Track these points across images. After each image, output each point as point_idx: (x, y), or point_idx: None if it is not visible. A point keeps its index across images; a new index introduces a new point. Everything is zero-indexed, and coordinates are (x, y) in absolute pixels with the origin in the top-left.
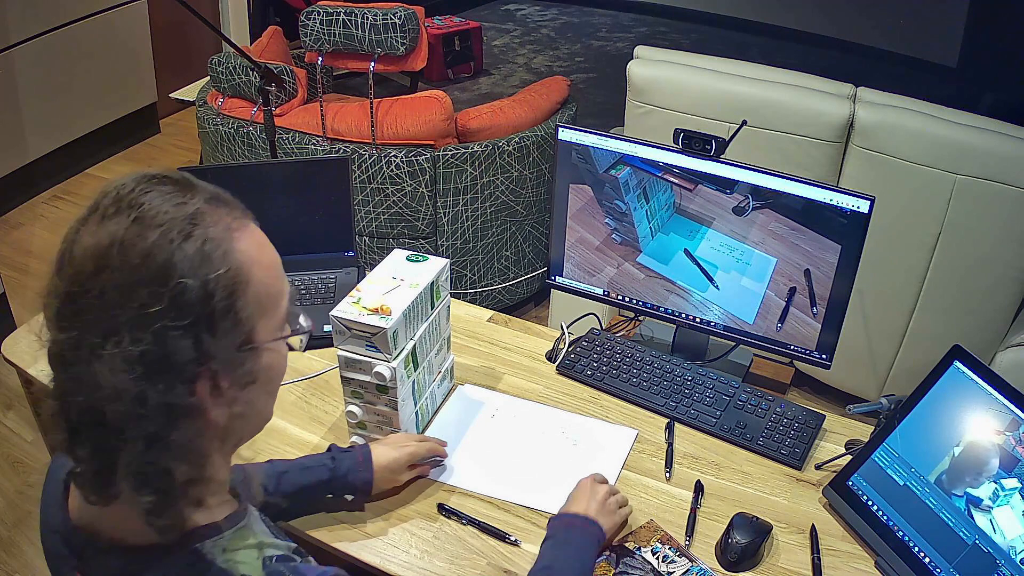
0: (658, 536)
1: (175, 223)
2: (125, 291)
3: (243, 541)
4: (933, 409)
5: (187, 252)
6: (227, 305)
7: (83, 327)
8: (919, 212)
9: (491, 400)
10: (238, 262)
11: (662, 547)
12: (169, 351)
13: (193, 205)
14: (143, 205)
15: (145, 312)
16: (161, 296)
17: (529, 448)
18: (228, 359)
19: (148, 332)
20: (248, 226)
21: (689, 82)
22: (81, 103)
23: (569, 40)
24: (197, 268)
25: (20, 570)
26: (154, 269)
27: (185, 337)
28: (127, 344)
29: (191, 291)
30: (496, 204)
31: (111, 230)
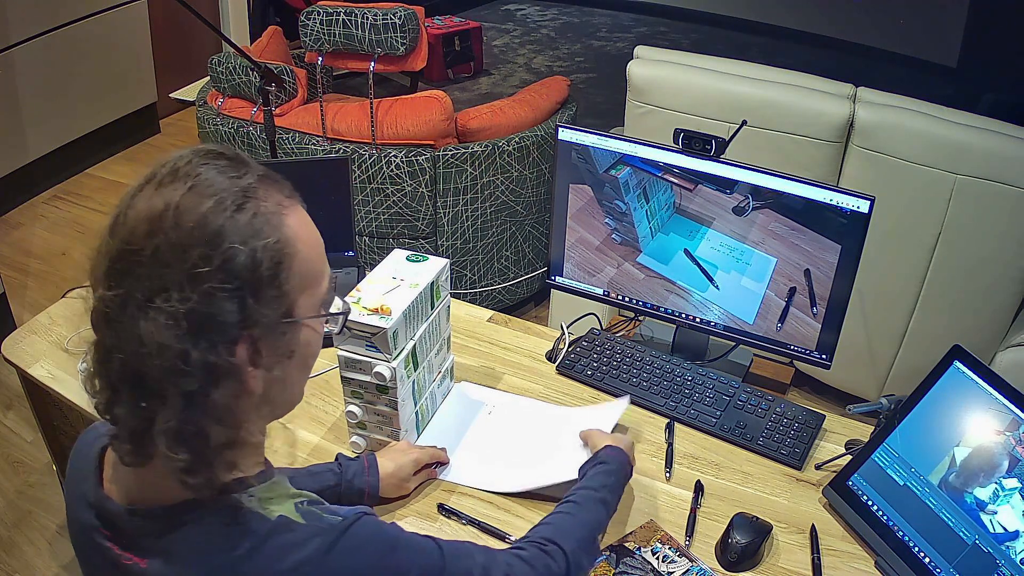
0: (658, 536)
1: (229, 194)
2: (177, 251)
3: (274, 492)
4: (933, 409)
5: (239, 221)
6: (272, 275)
7: (132, 284)
8: (919, 212)
9: (487, 397)
10: (286, 236)
11: (662, 547)
12: (214, 311)
13: (247, 180)
14: (199, 175)
15: (194, 272)
16: (211, 258)
17: (525, 438)
18: (269, 327)
19: (196, 291)
20: (296, 205)
21: (689, 82)
22: (81, 103)
23: (569, 40)
24: (247, 237)
25: (20, 570)
26: (207, 233)
27: (231, 300)
28: (174, 301)
29: (240, 256)
30: (496, 204)
31: (167, 196)
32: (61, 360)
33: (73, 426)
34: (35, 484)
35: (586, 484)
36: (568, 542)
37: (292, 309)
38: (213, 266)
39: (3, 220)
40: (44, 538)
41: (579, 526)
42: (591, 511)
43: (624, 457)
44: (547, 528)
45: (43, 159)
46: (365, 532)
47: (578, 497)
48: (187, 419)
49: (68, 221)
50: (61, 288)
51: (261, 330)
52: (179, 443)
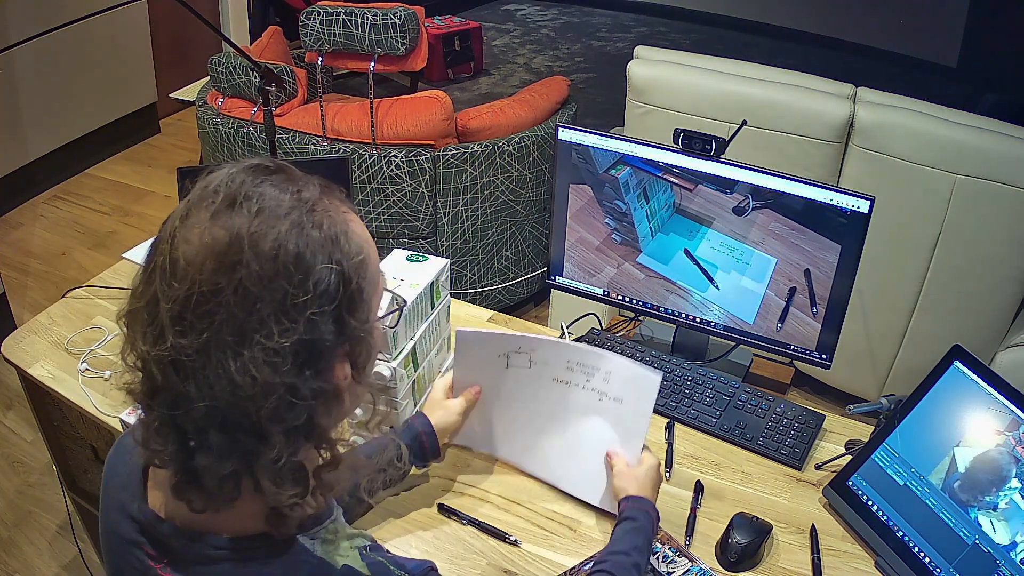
0: (658, 536)
1: (298, 211)
2: (264, 284)
3: (336, 534)
4: (933, 409)
5: (318, 239)
6: (360, 286)
7: (216, 327)
8: (919, 212)
9: (498, 344)
10: (359, 243)
11: (662, 547)
12: (318, 338)
13: (308, 192)
14: (262, 195)
15: (291, 303)
16: (304, 285)
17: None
18: (361, 339)
19: (297, 322)
20: (352, 209)
21: (689, 82)
22: (81, 103)
23: (569, 40)
24: (330, 253)
25: (20, 570)
26: (291, 259)
27: (330, 322)
28: (277, 337)
29: (331, 276)
30: (496, 204)
31: (232, 224)
32: (61, 360)
33: (73, 426)
34: (35, 484)
35: (617, 548)
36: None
37: (371, 313)
38: (309, 292)
39: (3, 220)
40: (44, 538)
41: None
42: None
43: (649, 508)
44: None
45: (43, 159)
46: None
47: (611, 566)
48: (293, 452)
49: (68, 221)
50: (61, 288)
51: (354, 343)
52: (284, 479)
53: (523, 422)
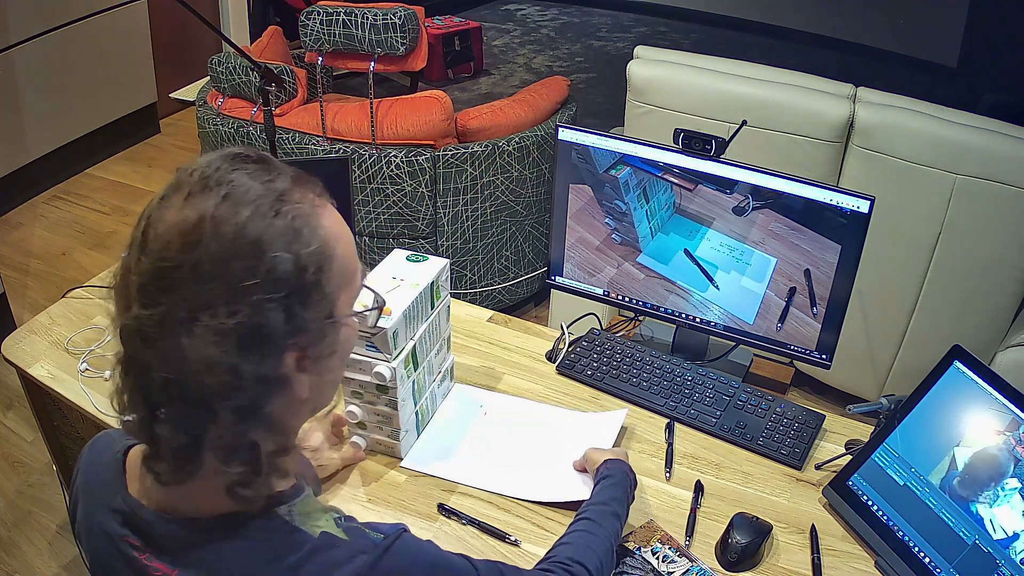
0: (658, 536)
1: (266, 200)
2: (219, 265)
3: (311, 506)
4: (933, 409)
5: (279, 227)
6: (316, 279)
7: (172, 302)
8: (919, 212)
9: (482, 398)
10: (324, 237)
11: (662, 547)
12: (264, 323)
13: (280, 183)
14: (232, 182)
15: (241, 285)
16: (256, 269)
17: (524, 441)
18: (315, 331)
19: (244, 305)
20: (327, 203)
21: (689, 82)
22: (81, 103)
23: (569, 40)
24: (289, 243)
25: (20, 570)
26: (248, 243)
27: (279, 310)
28: (222, 317)
29: (285, 264)
30: (496, 204)
31: (200, 207)
32: (61, 360)
33: (73, 426)
34: (35, 484)
35: (596, 499)
36: (591, 560)
37: (334, 309)
38: (259, 277)
39: (3, 220)
40: (44, 538)
41: (598, 542)
42: (606, 525)
43: (625, 466)
44: (569, 548)
45: (43, 159)
46: (406, 551)
47: (591, 513)
48: (241, 432)
49: (68, 221)
50: (61, 288)
51: (308, 336)
52: (233, 457)
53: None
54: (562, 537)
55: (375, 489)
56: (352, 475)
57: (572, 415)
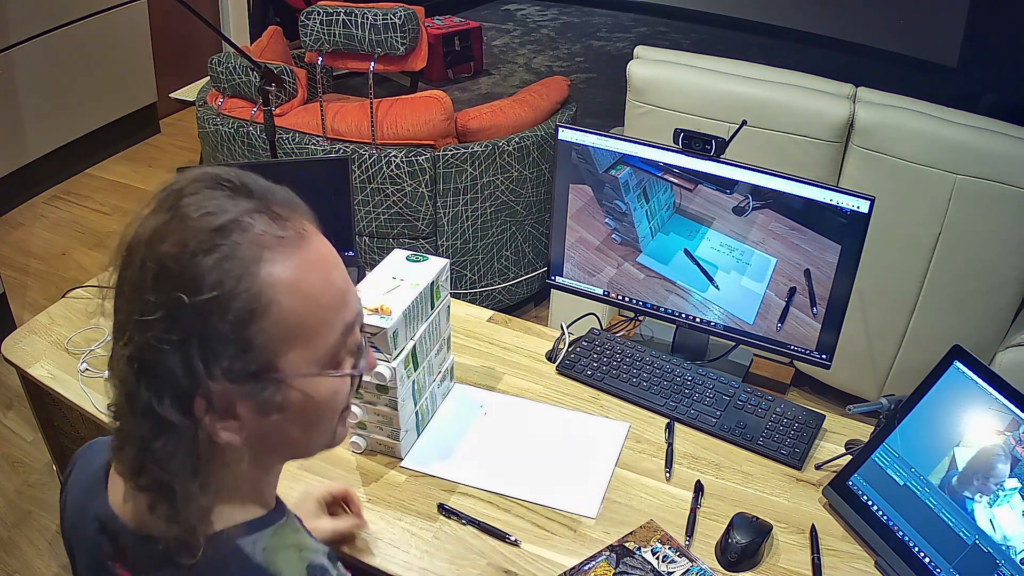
0: (658, 536)
1: (199, 233)
2: (136, 291)
3: (282, 540)
4: (933, 409)
5: (199, 266)
6: (232, 329)
7: (116, 309)
8: (919, 212)
9: (483, 399)
10: (259, 286)
11: (662, 547)
12: (159, 362)
13: (230, 215)
14: (181, 207)
15: (141, 318)
16: (158, 306)
17: (523, 444)
18: (236, 384)
19: (142, 337)
20: (295, 246)
21: (689, 82)
22: (81, 103)
23: (569, 40)
24: (201, 285)
25: (20, 570)
26: (161, 276)
27: (174, 354)
28: (124, 341)
29: (186, 308)
30: (496, 204)
31: (149, 225)
32: (61, 360)
33: (73, 426)
34: (35, 484)
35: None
36: None
37: (272, 365)
38: (158, 314)
39: (3, 220)
40: (44, 538)
41: None
42: None
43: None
44: None
45: (43, 159)
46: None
47: None
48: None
49: (68, 221)
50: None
51: (222, 387)
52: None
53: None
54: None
55: (375, 489)
56: (352, 475)
57: (572, 416)
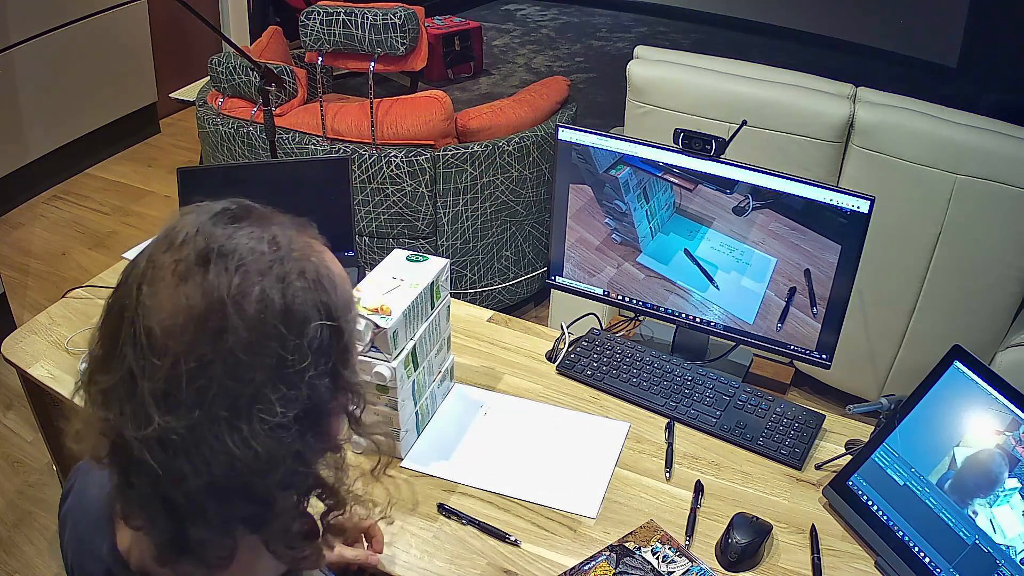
0: (658, 536)
1: (279, 261)
2: (255, 351)
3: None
4: (933, 409)
5: (303, 288)
6: (351, 332)
7: (208, 403)
8: (919, 212)
9: (483, 398)
10: (342, 284)
11: (662, 547)
12: (318, 399)
13: (282, 238)
14: (237, 250)
15: (290, 369)
16: (301, 347)
17: (523, 444)
18: (356, 383)
19: (295, 388)
20: (325, 245)
21: (689, 82)
22: (81, 103)
23: (569, 40)
24: (319, 304)
25: (20, 570)
26: (280, 317)
27: (328, 379)
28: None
29: (325, 331)
30: (496, 204)
31: (208, 286)
32: (61, 360)
33: None
34: (35, 484)
35: None
36: None
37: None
38: (305, 354)
39: (3, 220)
40: (44, 538)
41: None
42: None
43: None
44: None
45: (43, 159)
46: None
47: None
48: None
49: (68, 221)
50: (61, 288)
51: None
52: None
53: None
54: None
55: (375, 489)
56: (352, 475)
57: (573, 416)
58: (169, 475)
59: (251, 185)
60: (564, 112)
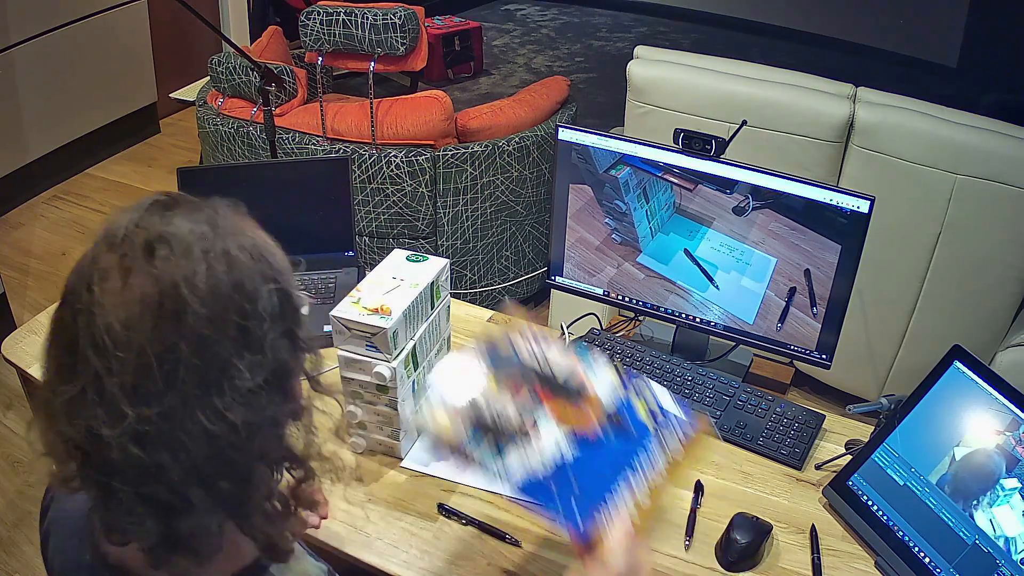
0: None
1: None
2: (216, 325)
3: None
4: (933, 409)
5: (245, 260)
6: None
7: (181, 385)
8: (919, 212)
9: None
10: (275, 251)
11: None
12: (282, 363)
13: (217, 218)
14: (176, 234)
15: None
16: (257, 313)
17: None
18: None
19: (260, 352)
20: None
21: (689, 82)
22: (81, 103)
23: (569, 40)
24: (263, 271)
25: (20, 570)
26: (232, 290)
27: (286, 341)
28: (248, 375)
29: (274, 296)
30: (496, 204)
31: (158, 273)
32: None
33: None
34: (35, 484)
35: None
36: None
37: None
38: (261, 318)
39: (3, 220)
40: None
41: None
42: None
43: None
44: None
45: (43, 159)
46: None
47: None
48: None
49: (68, 221)
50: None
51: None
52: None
53: None
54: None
55: (375, 489)
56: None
57: None
58: (150, 470)
59: (251, 185)
60: (564, 112)
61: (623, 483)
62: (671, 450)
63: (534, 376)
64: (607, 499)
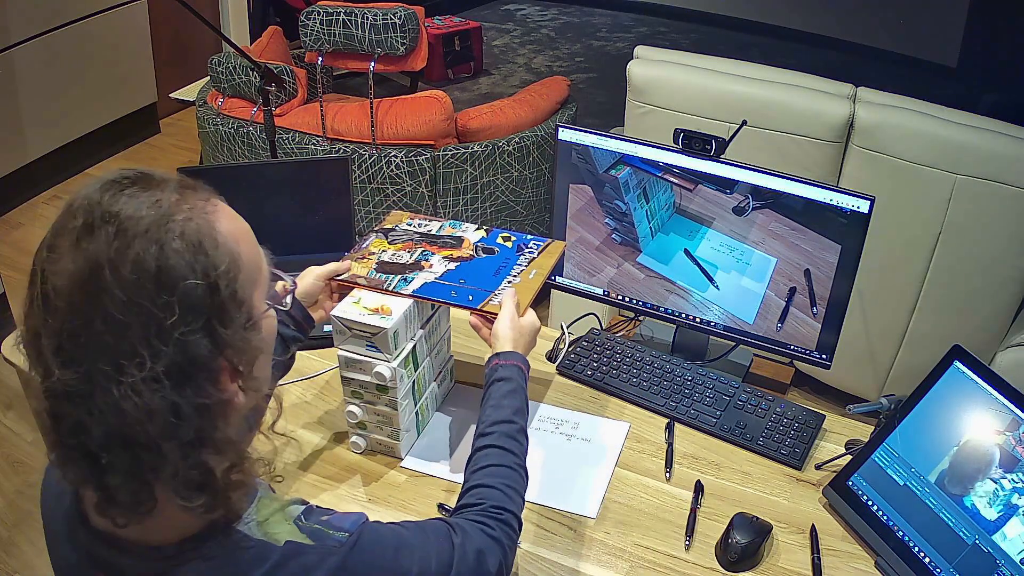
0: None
1: (157, 223)
2: (130, 310)
3: (268, 510)
4: (933, 409)
5: (179, 250)
6: (231, 291)
7: (93, 358)
8: (919, 212)
9: None
10: (226, 244)
11: (413, 220)
12: (192, 355)
13: (167, 199)
14: (119, 214)
15: (160, 326)
16: (171, 305)
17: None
18: (241, 342)
19: (167, 344)
20: (219, 203)
21: (689, 82)
22: (81, 103)
23: (569, 40)
24: (194, 264)
25: (20, 570)
26: (153, 278)
27: (202, 336)
28: (149, 362)
29: (196, 290)
30: (496, 204)
31: (92, 251)
32: None
33: None
34: (35, 484)
35: (499, 416)
36: (515, 502)
37: (252, 311)
38: (176, 313)
39: (3, 220)
40: (44, 538)
41: (516, 477)
42: (518, 452)
43: (520, 362)
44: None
45: (43, 159)
46: (371, 543)
47: (502, 440)
48: (192, 464)
49: None
50: None
51: (234, 348)
52: (191, 490)
53: None
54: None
55: (375, 489)
56: (352, 475)
57: (572, 416)
58: (76, 423)
59: (251, 185)
60: (564, 112)
61: (500, 278)
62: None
63: (420, 237)
64: (490, 288)
